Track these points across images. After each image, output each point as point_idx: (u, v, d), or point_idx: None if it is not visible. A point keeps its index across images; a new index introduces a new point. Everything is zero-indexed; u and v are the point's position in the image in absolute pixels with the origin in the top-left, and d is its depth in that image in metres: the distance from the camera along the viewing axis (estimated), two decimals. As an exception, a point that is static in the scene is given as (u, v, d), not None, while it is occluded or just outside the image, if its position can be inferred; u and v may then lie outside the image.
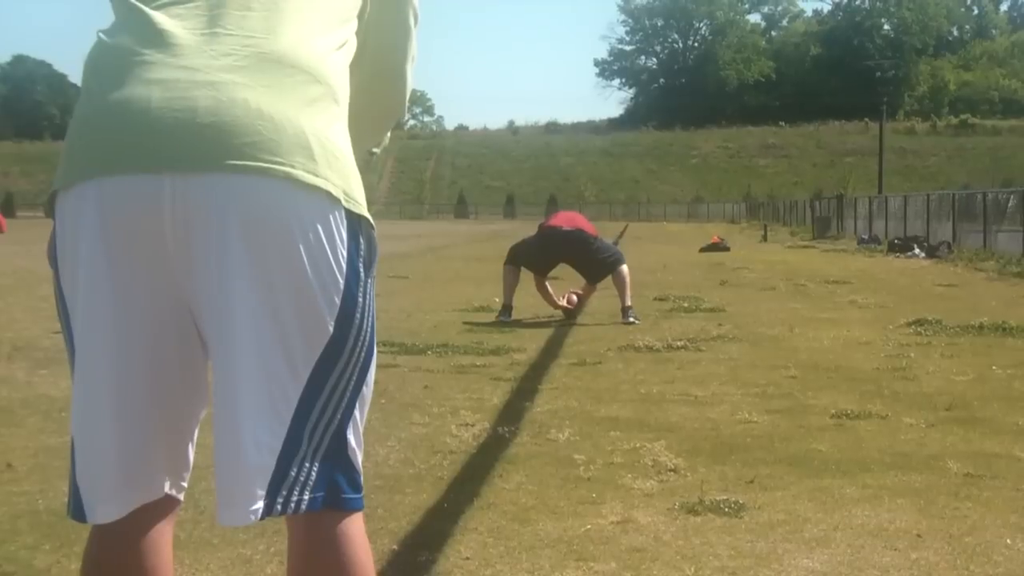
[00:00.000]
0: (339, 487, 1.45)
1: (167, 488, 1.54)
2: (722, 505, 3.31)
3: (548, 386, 5.53)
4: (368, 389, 1.50)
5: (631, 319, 8.48)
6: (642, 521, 3.17)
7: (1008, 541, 3.00)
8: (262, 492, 1.38)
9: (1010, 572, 2.76)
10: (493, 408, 4.91)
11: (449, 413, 4.76)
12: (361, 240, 1.44)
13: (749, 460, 3.93)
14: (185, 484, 1.57)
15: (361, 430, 1.51)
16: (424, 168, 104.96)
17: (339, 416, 1.45)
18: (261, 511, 1.39)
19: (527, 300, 9.10)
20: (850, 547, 2.95)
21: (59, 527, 3.06)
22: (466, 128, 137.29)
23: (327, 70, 1.47)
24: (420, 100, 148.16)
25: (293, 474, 1.40)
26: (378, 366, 1.54)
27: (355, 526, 1.47)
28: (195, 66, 1.40)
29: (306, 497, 1.41)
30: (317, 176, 1.38)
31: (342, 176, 1.42)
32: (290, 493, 1.40)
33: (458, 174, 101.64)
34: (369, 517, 3.12)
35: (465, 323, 8.47)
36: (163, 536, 1.55)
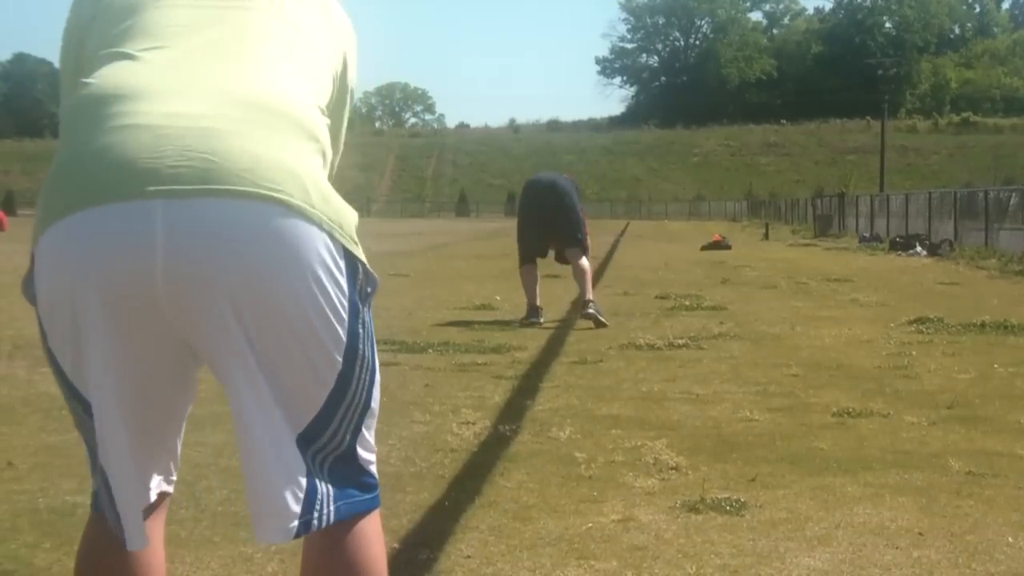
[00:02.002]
0: (353, 495, 1.48)
1: (167, 487, 1.55)
2: (723, 503, 3.31)
3: (549, 384, 5.53)
4: (375, 403, 1.52)
5: (591, 311, 8.17)
6: (643, 519, 3.16)
7: (1010, 539, 2.99)
8: (297, 510, 1.41)
9: (1012, 570, 2.76)
10: (494, 406, 4.90)
11: (450, 411, 4.75)
12: (359, 271, 1.44)
13: (750, 458, 3.92)
14: (175, 476, 1.59)
15: (372, 438, 1.53)
16: (425, 166, 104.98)
17: (348, 437, 1.48)
18: (297, 528, 1.42)
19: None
20: (851, 545, 2.95)
21: (59, 525, 3.06)
22: (467, 126, 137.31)
23: (311, 117, 1.47)
24: (421, 98, 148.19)
25: (321, 491, 1.44)
26: (380, 364, 1.55)
27: (371, 524, 1.51)
28: (182, 111, 1.37)
29: (331, 508, 1.45)
30: (313, 208, 1.36)
31: (337, 213, 1.41)
32: (322, 507, 1.44)
33: (459, 172, 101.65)
34: (370, 515, 3.12)
35: (466, 321, 8.47)
36: (156, 529, 1.57)
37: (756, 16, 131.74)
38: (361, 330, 1.45)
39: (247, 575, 2.73)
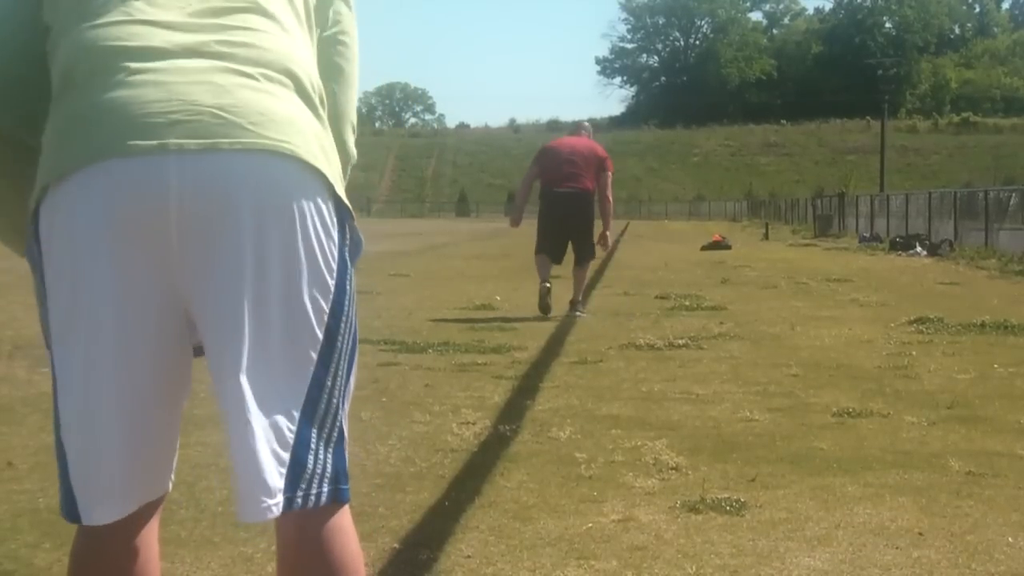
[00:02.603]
0: (340, 479, 1.46)
1: (168, 485, 1.54)
2: (723, 503, 3.31)
3: (549, 384, 5.53)
4: (353, 380, 1.51)
5: (579, 312, 8.67)
6: (643, 519, 3.16)
7: (1010, 539, 2.99)
8: (280, 486, 1.39)
9: (1012, 570, 2.76)
10: (494, 406, 4.90)
11: (450, 411, 4.75)
12: (347, 230, 1.48)
13: (750, 458, 3.92)
14: (173, 476, 1.57)
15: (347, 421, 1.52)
16: (425, 166, 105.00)
17: (340, 404, 1.46)
18: (282, 505, 1.39)
19: (528, 299, 9.10)
20: (851, 545, 2.95)
21: (59, 525, 3.05)
22: (467, 126, 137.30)
23: (312, 73, 1.51)
24: (421, 98, 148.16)
25: (310, 466, 1.41)
26: (380, 364, 1.56)
27: (347, 518, 1.48)
28: (190, 67, 1.40)
29: (324, 490, 1.43)
30: (317, 160, 1.42)
31: (335, 167, 1.47)
32: (309, 486, 1.41)
33: (459, 172, 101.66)
34: (370, 515, 3.13)
35: (466, 321, 8.47)
36: (151, 530, 1.56)
37: (756, 16, 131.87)
38: (348, 287, 1.47)
39: (247, 575, 2.73)
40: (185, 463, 1.61)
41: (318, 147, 1.44)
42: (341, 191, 1.47)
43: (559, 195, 8.86)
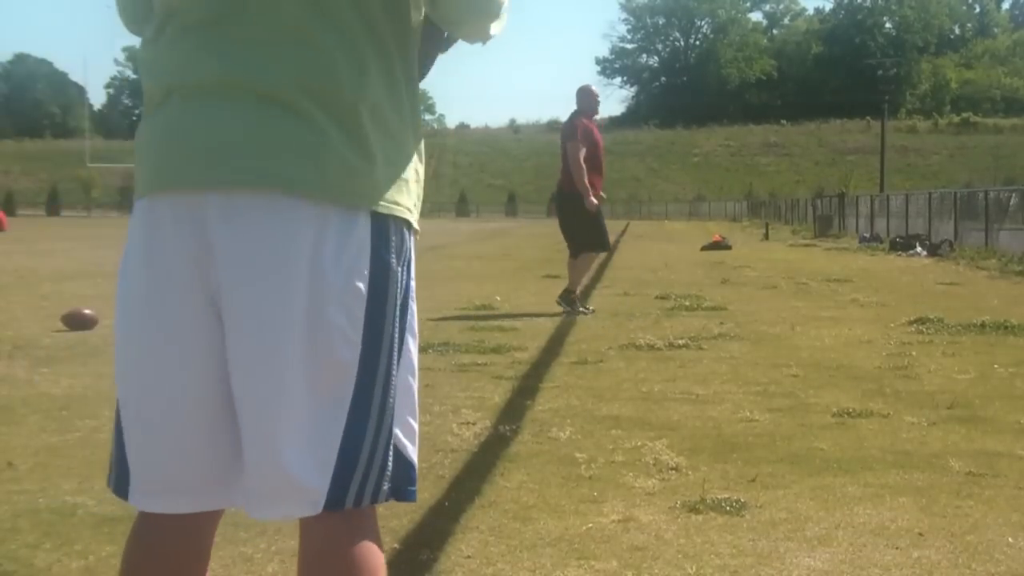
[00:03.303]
0: (395, 479, 1.47)
1: (233, 498, 1.52)
2: (723, 504, 3.31)
3: (549, 384, 5.53)
4: (414, 382, 1.52)
5: (566, 307, 8.85)
6: (643, 520, 3.16)
7: (1010, 539, 2.99)
8: (324, 484, 1.40)
9: (1012, 570, 2.76)
10: (494, 406, 4.90)
11: (450, 411, 4.75)
12: (392, 236, 1.46)
13: (751, 459, 3.92)
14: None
15: (415, 425, 1.53)
16: (425, 166, 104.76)
17: (382, 409, 1.46)
18: (323, 502, 1.40)
19: (528, 299, 9.10)
20: (852, 546, 2.94)
21: (59, 526, 3.06)
22: (467, 126, 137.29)
23: (364, 22, 1.44)
24: (421, 98, 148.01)
25: (363, 461, 1.42)
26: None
27: (371, 521, 1.49)
28: (233, 83, 1.41)
29: (384, 487, 1.45)
30: (344, 185, 1.40)
31: (373, 178, 1.44)
32: (363, 486, 1.42)
33: (459, 172, 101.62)
34: (370, 516, 3.12)
35: (466, 321, 8.47)
36: (209, 535, 1.57)
37: (756, 16, 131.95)
38: (392, 289, 1.46)
39: (247, 575, 2.73)
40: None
41: (360, 157, 1.42)
42: (394, 199, 1.46)
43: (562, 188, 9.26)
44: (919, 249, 20.46)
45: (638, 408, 4.90)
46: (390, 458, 1.46)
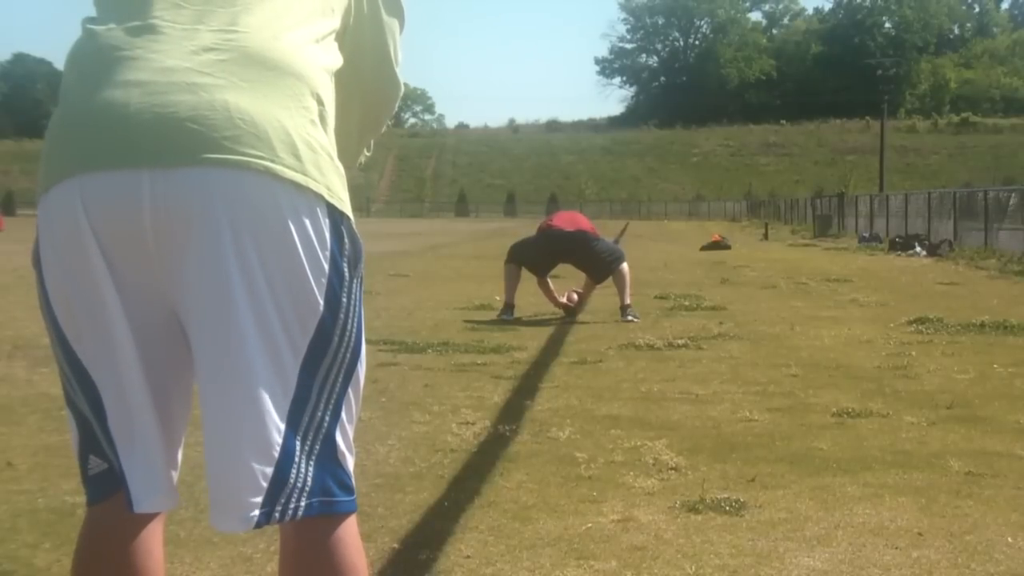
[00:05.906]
0: (331, 491, 1.44)
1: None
2: (723, 503, 3.31)
3: (549, 384, 5.53)
4: (355, 393, 1.48)
5: (630, 317, 8.51)
6: (643, 519, 3.16)
7: (1009, 539, 2.99)
8: (259, 499, 1.38)
9: (1011, 570, 2.76)
10: (494, 406, 4.90)
11: (450, 411, 4.75)
12: (345, 239, 1.43)
13: (750, 458, 3.92)
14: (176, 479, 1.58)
15: (351, 435, 1.49)
16: (425, 166, 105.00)
17: (328, 419, 1.44)
18: (258, 518, 1.38)
19: (528, 299, 9.09)
20: (851, 545, 2.94)
21: (59, 525, 3.06)
22: (467, 126, 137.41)
23: (307, 65, 1.45)
24: (420, 98, 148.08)
25: (292, 480, 1.40)
26: (379, 364, 1.55)
27: (348, 529, 1.46)
28: (174, 66, 1.38)
29: (303, 504, 1.41)
30: (298, 172, 1.38)
31: (324, 173, 1.41)
32: (288, 500, 1.40)
33: (459, 172, 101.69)
34: (369, 515, 3.12)
35: (466, 321, 8.47)
36: (157, 534, 1.56)
37: (756, 16, 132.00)
38: (345, 298, 1.43)
39: (247, 575, 2.73)
40: (185, 463, 1.60)
41: (305, 155, 1.39)
42: (335, 196, 1.42)
43: (559, 231, 8.93)
44: (918, 249, 20.47)
45: (637, 408, 4.90)
46: (313, 471, 1.42)
